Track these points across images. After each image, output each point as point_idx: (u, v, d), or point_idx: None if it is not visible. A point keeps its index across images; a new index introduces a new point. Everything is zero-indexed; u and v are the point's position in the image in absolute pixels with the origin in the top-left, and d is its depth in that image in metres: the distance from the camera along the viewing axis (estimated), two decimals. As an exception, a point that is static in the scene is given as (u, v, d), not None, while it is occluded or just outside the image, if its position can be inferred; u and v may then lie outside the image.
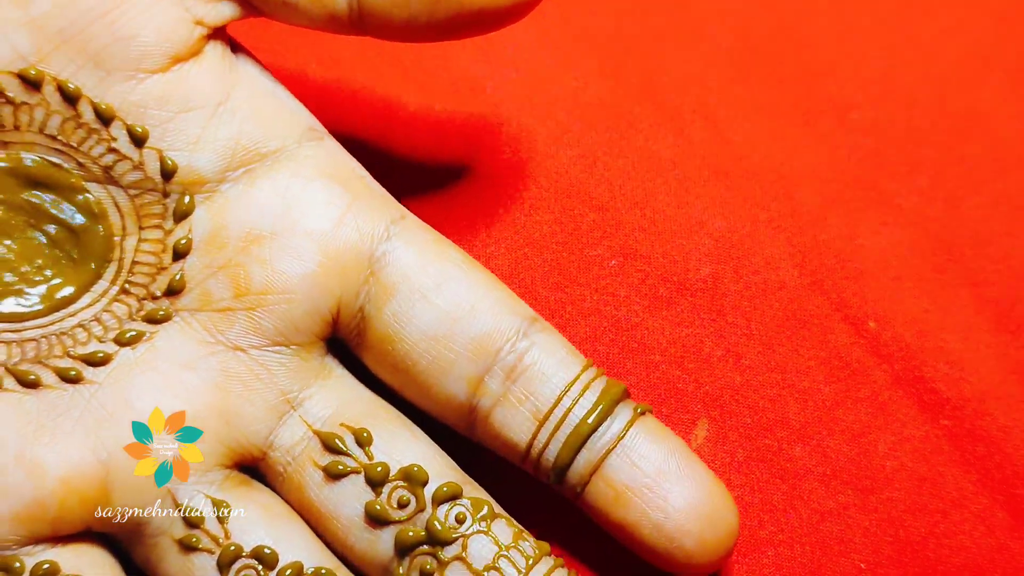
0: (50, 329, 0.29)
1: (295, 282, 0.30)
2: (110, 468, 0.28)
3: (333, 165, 0.31)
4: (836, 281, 0.35)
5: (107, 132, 0.29)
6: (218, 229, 0.30)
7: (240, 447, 0.30)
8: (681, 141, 0.37)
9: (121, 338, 0.29)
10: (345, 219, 0.30)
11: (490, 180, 0.36)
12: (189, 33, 0.29)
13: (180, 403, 0.29)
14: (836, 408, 0.34)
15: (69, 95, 0.29)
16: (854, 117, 0.37)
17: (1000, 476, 0.33)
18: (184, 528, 0.29)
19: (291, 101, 0.31)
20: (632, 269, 0.35)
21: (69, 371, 0.29)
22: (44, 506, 0.28)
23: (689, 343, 0.34)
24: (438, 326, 0.30)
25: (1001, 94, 0.38)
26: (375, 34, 0.30)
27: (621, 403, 0.30)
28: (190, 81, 0.29)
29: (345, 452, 0.29)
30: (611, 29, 0.38)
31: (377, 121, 0.37)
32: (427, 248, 0.30)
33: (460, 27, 0.30)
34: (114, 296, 0.29)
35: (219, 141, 0.29)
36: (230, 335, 0.30)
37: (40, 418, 0.28)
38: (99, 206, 0.29)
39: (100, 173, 0.29)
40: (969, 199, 0.36)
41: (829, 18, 0.39)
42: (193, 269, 0.30)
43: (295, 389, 0.30)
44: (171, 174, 0.29)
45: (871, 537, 0.32)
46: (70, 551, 0.29)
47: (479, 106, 0.37)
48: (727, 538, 0.29)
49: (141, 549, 0.29)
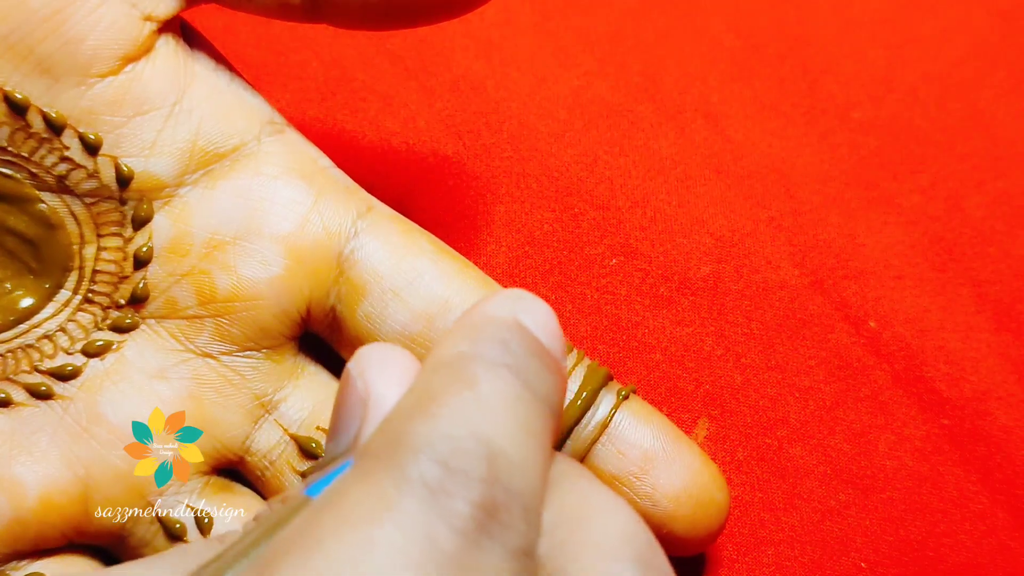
0: (14, 343, 0.29)
1: (262, 287, 0.29)
2: (88, 484, 0.28)
3: (296, 159, 0.30)
4: (837, 280, 0.35)
5: (59, 141, 0.28)
6: (180, 236, 0.29)
7: (218, 453, 0.29)
8: (682, 140, 0.37)
9: (89, 349, 0.29)
10: (310, 218, 0.29)
11: (491, 178, 0.36)
12: (138, 30, 0.28)
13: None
14: (836, 407, 0.34)
15: (17, 105, 0.27)
16: (855, 116, 0.37)
17: (1000, 476, 0.33)
18: (167, 540, 0.29)
19: (249, 94, 0.30)
20: (633, 268, 0.35)
21: (39, 387, 0.28)
22: (25, 524, 0.28)
23: (689, 342, 0.34)
24: (413, 325, 0.29)
25: (1002, 93, 0.38)
26: (330, 20, 0.29)
27: (605, 388, 0.29)
28: (143, 82, 0.28)
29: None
30: (612, 28, 0.38)
31: (378, 120, 0.37)
32: (396, 242, 0.30)
33: (420, 12, 0.28)
34: (77, 305, 0.29)
35: (176, 143, 0.28)
36: (199, 342, 0.29)
37: (14, 437, 0.28)
38: (55, 215, 0.28)
39: (54, 182, 0.28)
40: (970, 198, 0.36)
41: (830, 17, 0.39)
42: (156, 277, 0.29)
43: (269, 392, 0.29)
44: (127, 181, 0.28)
45: (871, 536, 0.32)
46: (56, 562, 0.28)
47: (480, 104, 0.37)
48: (717, 517, 0.29)
49: (127, 559, 0.29)
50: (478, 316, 0.23)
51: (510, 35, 0.38)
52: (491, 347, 0.22)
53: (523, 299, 0.23)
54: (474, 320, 0.23)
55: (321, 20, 0.29)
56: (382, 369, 0.22)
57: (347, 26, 0.29)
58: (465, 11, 0.29)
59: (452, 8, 0.29)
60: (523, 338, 0.22)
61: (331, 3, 0.28)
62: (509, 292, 0.24)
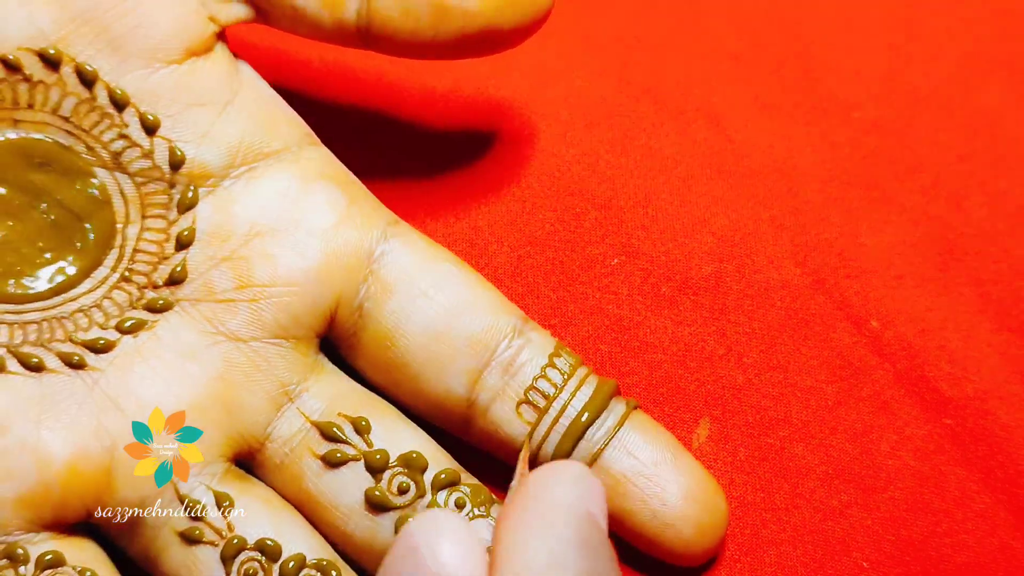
0: (50, 313, 0.29)
1: (298, 276, 0.30)
2: (114, 455, 0.28)
3: (332, 168, 0.31)
4: (838, 280, 0.35)
5: (120, 118, 0.29)
6: (222, 222, 0.30)
7: (241, 438, 0.30)
8: (684, 139, 0.37)
9: (122, 326, 0.29)
10: (345, 219, 0.30)
11: (492, 178, 0.36)
12: (204, 28, 0.30)
13: (184, 392, 0.29)
14: (838, 407, 0.33)
15: (86, 77, 0.29)
16: (857, 116, 0.37)
17: (1003, 475, 0.33)
18: (187, 520, 0.29)
19: (288, 109, 0.32)
20: (634, 268, 0.35)
21: (72, 356, 0.29)
22: (49, 490, 0.28)
23: (691, 342, 0.34)
24: (438, 322, 0.30)
25: (1004, 93, 0.38)
26: (379, 48, 0.31)
27: (613, 399, 0.30)
28: (202, 76, 0.30)
29: (344, 440, 0.30)
30: (614, 28, 0.38)
31: (379, 119, 0.37)
32: (423, 250, 0.31)
33: (465, 46, 0.30)
34: (115, 283, 0.30)
35: (226, 137, 0.30)
36: (231, 326, 0.30)
37: (44, 402, 0.29)
38: (104, 192, 0.30)
39: (109, 159, 0.30)
40: (972, 198, 0.36)
41: (832, 17, 0.39)
42: (195, 260, 0.30)
43: (293, 382, 0.30)
44: (179, 165, 0.30)
45: (873, 536, 0.32)
46: (72, 545, 0.29)
47: (481, 104, 0.37)
48: (722, 524, 0.30)
49: (140, 541, 0.29)
50: (549, 503, 0.24)
51: (512, 35, 0.38)
52: (577, 554, 0.23)
53: (586, 481, 0.24)
54: (547, 508, 0.24)
55: (371, 47, 0.31)
56: (453, 545, 0.23)
57: (395, 54, 0.31)
58: (509, 46, 0.31)
59: (496, 43, 0.31)
60: (598, 535, 0.24)
61: (383, 32, 0.30)
62: (567, 473, 0.25)
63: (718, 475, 0.33)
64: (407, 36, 0.30)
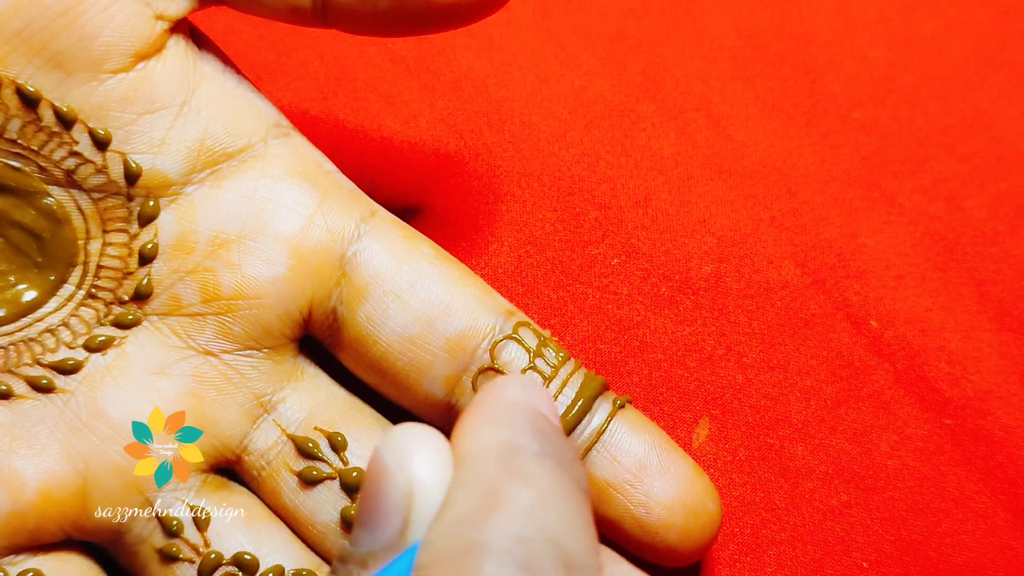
0: (17, 336, 0.29)
1: (265, 286, 0.29)
2: (87, 478, 0.28)
3: (301, 163, 0.30)
4: (838, 280, 0.35)
5: (69, 136, 0.28)
6: (185, 233, 0.29)
7: (216, 451, 0.29)
8: (683, 140, 0.37)
9: (91, 344, 0.29)
10: (314, 219, 0.29)
11: (492, 178, 0.36)
12: (151, 29, 0.28)
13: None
14: (838, 407, 0.33)
15: (29, 98, 0.28)
16: (856, 116, 0.37)
17: (1002, 475, 0.33)
18: (164, 537, 0.29)
19: (256, 97, 0.30)
20: (634, 267, 0.35)
21: (40, 380, 0.28)
22: (23, 517, 0.28)
23: (691, 342, 0.34)
24: (413, 327, 0.29)
25: (1004, 93, 0.38)
26: (340, 26, 0.29)
27: (601, 396, 0.30)
28: (153, 80, 0.28)
29: (320, 457, 0.29)
30: (614, 27, 0.38)
31: (379, 119, 0.37)
32: (398, 245, 0.30)
33: (430, 21, 0.29)
34: (80, 300, 0.29)
35: (184, 142, 0.29)
36: (200, 340, 0.29)
37: (15, 429, 0.28)
38: (62, 210, 0.29)
39: (62, 177, 0.29)
40: (971, 198, 0.36)
41: (832, 17, 0.39)
42: (160, 274, 0.29)
43: (268, 392, 0.30)
44: (135, 177, 0.29)
45: (873, 536, 0.32)
46: (53, 559, 0.28)
47: (481, 104, 0.37)
48: (710, 528, 0.29)
49: (123, 557, 0.29)
50: (501, 402, 0.23)
51: (512, 34, 0.38)
52: (531, 438, 0.22)
53: (532, 387, 0.24)
54: (499, 406, 0.23)
55: (331, 25, 0.29)
56: (421, 455, 0.22)
57: (356, 32, 0.29)
58: (473, 20, 0.29)
59: (460, 17, 0.29)
60: (551, 427, 0.23)
61: (341, 9, 0.29)
62: (516, 380, 0.24)
63: (717, 475, 0.33)
64: (367, 13, 0.29)
